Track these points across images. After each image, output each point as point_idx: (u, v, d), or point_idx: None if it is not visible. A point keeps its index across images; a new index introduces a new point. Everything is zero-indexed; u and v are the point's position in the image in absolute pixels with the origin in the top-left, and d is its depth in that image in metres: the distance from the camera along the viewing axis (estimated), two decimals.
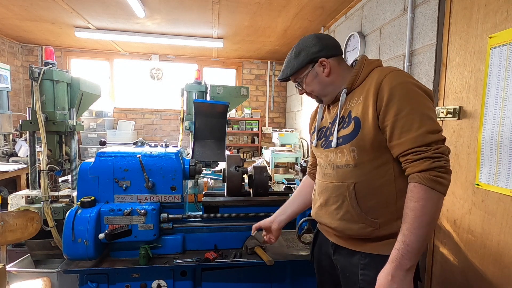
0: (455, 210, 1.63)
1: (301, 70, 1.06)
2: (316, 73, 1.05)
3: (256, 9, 3.18)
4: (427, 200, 0.81)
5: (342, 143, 0.98)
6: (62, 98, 1.98)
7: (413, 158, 0.85)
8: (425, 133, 0.84)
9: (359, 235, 0.97)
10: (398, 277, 0.82)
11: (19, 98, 4.89)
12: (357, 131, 0.93)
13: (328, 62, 1.03)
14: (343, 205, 0.99)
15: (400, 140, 0.87)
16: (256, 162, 4.57)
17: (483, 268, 1.45)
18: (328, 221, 1.04)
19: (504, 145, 1.31)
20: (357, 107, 0.96)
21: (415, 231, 0.81)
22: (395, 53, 2.21)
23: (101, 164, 1.40)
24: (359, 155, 0.94)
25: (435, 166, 0.82)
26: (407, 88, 0.89)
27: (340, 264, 1.06)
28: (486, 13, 1.44)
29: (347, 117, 0.99)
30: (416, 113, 0.86)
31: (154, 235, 1.38)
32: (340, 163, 0.99)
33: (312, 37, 1.06)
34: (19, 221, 1.70)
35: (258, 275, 1.49)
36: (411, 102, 0.87)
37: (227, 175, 1.61)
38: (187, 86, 2.58)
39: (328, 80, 1.05)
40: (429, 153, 0.83)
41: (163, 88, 5.44)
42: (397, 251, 0.83)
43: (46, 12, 3.43)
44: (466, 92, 1.56)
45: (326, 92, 1.07)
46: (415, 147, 0.84)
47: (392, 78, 0.90)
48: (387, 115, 0.89)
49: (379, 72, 0.95)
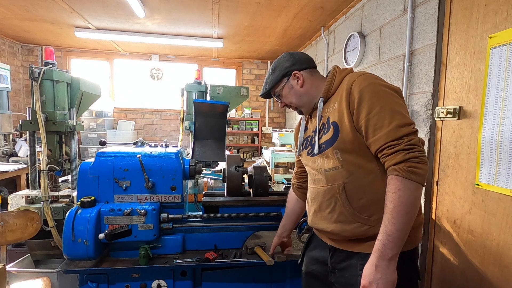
0: (455, 210, 1.63)
1: (277, 84, 1.17)
2: (291, 85, 1.14)
3: (256, 9, 3.18)
4: (403, 190, 0.85)
5: (325, 148, 1.04)
6: (62, 98, 1.98)
7: (388, 152, 0.90)
8: (396, 128, 0.89)
9: (355, 235, 0.99)
10: (381, 267, 0.86)
11: (19, 98, 4.89)
12: (337, 135, 0.99)
13: (300, 74, 1.13)
14: (336, 207, 1.01)
15: (375, 137, 0.92)
16: (256, 162, 4.57)
17: (483, 268, 1.45)
18: (324, 225, 1.07)
19: (504, 145, 1.31)
20: (333, 112, 1.03)
21: (394, 221, 0.85)
22: (395, 53, 2.21)
23: (101, 164, 1.40)
24: (342, 156, 0.99)
25: (408, 157, 0.86)
26: (375, 88, 0.95)
27: (339, 267, 1.06)
28: (486, 13, 1.44)
29: (326, 123, 1.05)
30: (385, 110, 0.91)
31: (154, 235, 1.38)
32: (327, 167, 1.04)
33: (285, 55, 1.18)
34: (19, 221, 1.70)
35: (258, 275, 1.49)
36: (380, 101, 0.93)
37: (227, 175, 1.61)
38: (187, 86, 2.58)
39: (302, 90, 1.13)
40: (401, 145, 0.87)
41: (163, 88, 5.44)
42: (379, 241, 0.87)
43: (46, 12, 3.43)
44: (466, 92, 1.56)
45: (302, 102, 1.15)
46: (388, 142, 0.89)
47: (360, 81, 0.97)
48: (360, 115, 0.95)
49: (349, 77, 1.03)
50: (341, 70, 1.10)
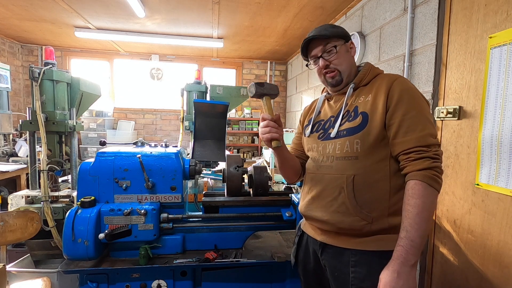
0: (455, 210, 1.63)
1: (338, 38, 1.08)
2: (347, 49, 1.11)
3: (256, 9, 3.18)
4: (427, 197, 0.86)
5: (345, 135, 1.02)
6: (62, 98, 1.98)
7: (415, 157, 0.90)
8: (427, 135, 0.91)
9: (351, 228, 0.98)
10: (404, 273, 0.84)
11: (19, 98, 4.89)
12: (364, 125, 0.99)
13: (354, 46, 1.13)
14: (339, 197, 1.00)
15: (405, 138, 0.92)
16: (256, 162, 4.57)
17: (483, 268, 1.45)
18: (320, 214, 1.05)
19: (504, 145, 1.31)
20: (365, 103, 1.02)
21: (417, 227, 0.85)
22: (395, 53, 2.21)
23: (101, 164, 1.40)
24: (362, 147, 0.98)
25: (434, 166, 0.88)
26: (415, 93, 0.98)
27: (328, 264, 1.05)
28: (486, 13, 1.44)
29: (352, 111, 1.04)
30: (421, 117, 0.93)
31: (154, 235, 1.38)
32: (340, 155, 1.02)
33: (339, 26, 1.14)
34: (19, 221, 1.70)
35: (258, 275, 1.49)
36: (417, 106, 0.94)
37: (227, 175, 1.61)
38: (187, 86, 2.58)
39: (353, 60, 1.12)
40: (430, 153, 0.89)
41: (163, 88, 5.44)
42: (401, 247, 0.86)
43: (46, 12, 3.42)
44: (466, 92, 1.56)
45: (350, 71, 1.10)
46: (418, 146, 0.90)
47: (402, 82, 0.99)
48: (395, 113, 0.95)
49: (388, 76, 1.04)
50: (374, 67, 1.11)
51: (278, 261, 1.41)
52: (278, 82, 5.77)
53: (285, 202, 1.60)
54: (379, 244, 0.96)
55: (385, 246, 0.96)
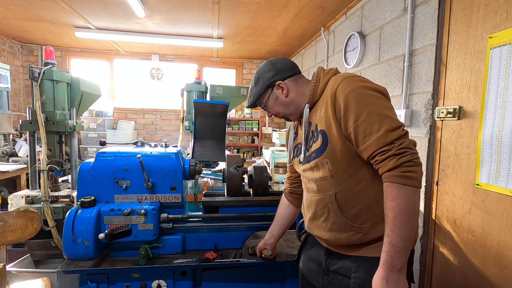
0: (455, 210, 1.63)
1: (262, 96, 1.13)
2: (276, 96, 1.11)
3: (256, 9, 3.18)
4: (401, 197, 0.83)
5: (315, 157, 1.01)
6: (62, 98, 1.98)
7: (380, 159, 0.87)
8: (385, 133, 0.86)
9: (350, 242, 0.99)
10: (392, 279, 0.84)
11: (19, 98, 4.88)
12: (326, 144, 0.97)
13: (284, 84, 1.09)
14: (329, 216, 1.01)
15: (365, 144, 0.89)
16: (256, 162, 4.57)
17: (483, 268, 1.45)
18: (320, 233, 1.07)
19: (504, 145, 1.31)
20: (320, 120, 1.00)
21: (397, 230, 0.83)
22: (395, 53, 2.21)
23: (101, 164, 1.40)
24: (333, 165, 0.97)
25: (401, 162, 0.84)
26: (360, 93, 0.92)
27: (333, 268, 1.06)
28: (486, 13, 1.44)
29: (315, 131, 1.02)
30: (373, 115, 0.88)
31: (154, 235, 1.38)
32: (318, 176, 1.02)
33: (267, 64, 1.14)
34: (19, 221, 1.70)
35: (258, 275, 1.49)
36: (366, 106, 0.89)
37: (227, 175, 1.61)
38: (187, 86, 2.58)
39: (288, 100, 1.10)
40: (393, 150, 0.85)
41: (163, 88, 5.44)
42: (386, 253, 0.85)
43: (46, 12, 3.42)
44: (466, 92, 1.56)
45: (289, 111, 1.13)
46: (379, 148, 0.87)
47: (344, 86, 0.94)
48: (347, 123, 0.92)
49: (332, 82, 0.99)
50: (325, 72, 1.06)
51: (278, 261, 1.42)
52: None
53: None
54: (379, 250, 0.93)
55: None
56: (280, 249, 1.56)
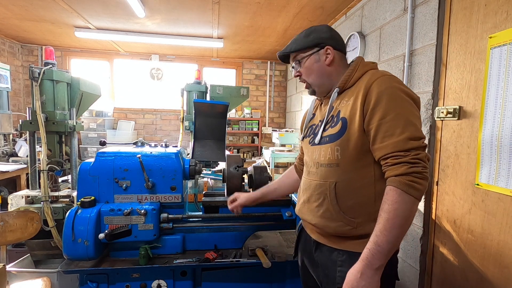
0: (455, 210, 1.63)
1: (306, 50, 1.06)
2: (318, 58, 1.05)
3: (256, 9, 3.18)
4: (400, 203, 0.83)
5: (328, 141, 1.00)
6: (62, 98, 1.98)
7: (392, 162, 0.87)
8: (406, 139, 0.86)
9: (337, 232, 1.00)
10: (367, 275, 0.85)
11: (19, 98, 4.88)
12: (343, 132, 0.96)
13: (333, 52, 1.04)
14: (324, 203, 1.01)
15: (382, 144, 0.89)
16: (256, 162, 4.57)
17: (483, 268, 1.45)
18: (310, 217, 1.07)
19: (504, 145, 1.31)
20: (346, 107, 0.98)
21: (386, 233, 0.84)
22: (395, 53, 2.21)
23: (101, 164, 1.40)
24: (342, 155, 0.97)
25: (412, 171, 0.84)
26: (395, 93, 0.90)
27: (320, 261, 1.07)
28: (486, 13, 1.44)
29: (335, 117, 1.01)
30: (400, 119, 0.88)
31: (154, 235, 1.38)
32: (323, 161, 1.02)
33: (325, 26, 1.08)
34: (19, 221, 1.70)
35: (258, 275, 1.49)
36: (396, 108, 0.89)
37: (227, 175, 1.61)
38: (187, 86, 2.58)
39: (327, 69, 1.06)
40: (407, 158, 0.85)
41: (163, 88, 5.44)
42: (368, 250, 0.86)
43: (46, 12, 3.42)
44: (466, 92, 1.56)
45: (321, 82, 1.08)
46: (395, 152, 0.86)
47: (381, 82, 0.92)
48: (372, 118, 0.91)
49: (370, 75, 0.97)
50: (364, 63, 1.04)
51: (278, 261, 1.42)
52: (278, 82, 5.77)
53: (285, 202, 1.61)
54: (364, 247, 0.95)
55: None
56: (280, 249, 1.56)
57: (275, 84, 5.77)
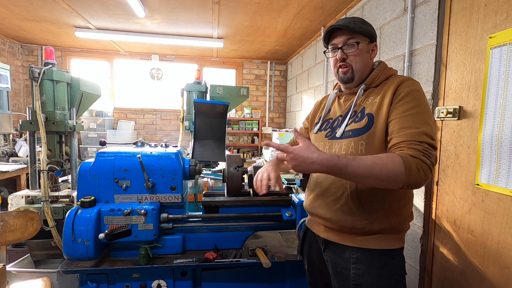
0: (455, 210, 1.63)
1: (362, 36, 1.06)
2: (367, 49, 1.08)
3: (256, 9, 3.18)
4: (393, 166, 0.83)
5: (351, 136, 1.02)
6: (62, 98, 1.98)
7: (405, 146, 0.88)
8: (423, 133, 0.89)
9: (353, 227, 1.00)
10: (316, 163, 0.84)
11: (19, 98, 4.88)
12: (370, 127, 0.99)
13: (377, 49, 1.11)
14: (343, 196, 1.01)
15: (399, 133, 0.92)
16: (256, 162, 4.57)
17: (483, 268, 1.45)
18: (323, 211, 1.06)
19: (504, 145, 1.31)
20: (372, 105, 1.02)
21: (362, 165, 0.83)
22: (395, 53, 2.21)
23: (101, 164, 1.40)
24: (366, 149, 0.99)
25: (421, 159, 0.85)
26: (421, 96, 0.97)
27: (330, 260, 1.07)
28: (486, 13, 1.44)
29: (359, 112, 1.04)
30: (421, 116, 0.92)
31: (154, 235, 1.38)
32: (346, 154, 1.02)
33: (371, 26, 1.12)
34: (19, 221, 1.69)
35: (258, 275, 1.49)
36: (419, 107, 0.94)
37: (227, 175, 1.61)
38: (187, 86, 2.58)
39: (370, 63, 1.10)
40: (420, 147, 0.87)
41: (163, 88, 5.44)
42: (337, 157, 0.85)
43: (46, 12, 3.42)
44: (466, 92, 1.56)
45: (363, 72, 1.09)
46: (411, 140, 0.88)
47: (411, 82, 1.00)
48: (396, 110, 0.95)
49: (400, 77, 1.04)
50: (388, 68, 1.10)
51: (278, 261, 1.41)
52: (278, 82, 5.77)
53: (285, 202, 1.60)
54: (379, 243, 0.98)
55: (386, 245, 0.99)
56: (280, 249, 1.56)
57: (275, 84, 5.77)
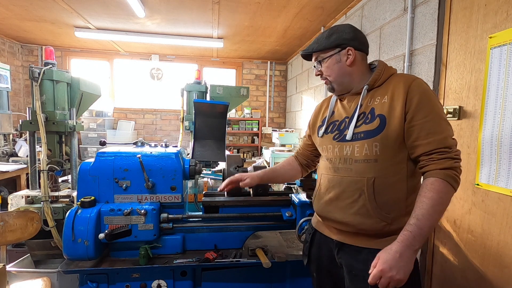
0: (455, 210, 1.63)
1: (327, 50, 1.09)
2: (339, 59, 1.08)
3: (256, 9, 3.18)
4: (445, 193, 0.90)
5: (363, 137, 1.02)
6: (62, 98, 1.98)
7: (437, 157, 0.92)
8: (448, 137, 0.94)
9: (372, 229, 1.00)
10: (406, 256, 0.88)
11: (19, 98, 4.89)
12: (382, 128, 0.99)
13: (354, 53, 1.07)
14: (360, 199, 1.01)
15: (427, 140, 0.94)
16: (256, 162, 4.57)
17: (483, 268, 1.45)
18: (340, 216, 1.06)
19: (504, 145, 1.31)
20: (381, 105, 1.02)
21: (429, 217, 0.88)
22: (395, 53, 2.21)
23: (101, 164, 1.40)
24: (381, 150, 0.99)
25: (456, 166, 0.92)
26: (432, 96, 0.99)
27: (345, 262, 1.06)
28: (486, 13, 1.44)
29: (369, 114, 1.04)
30: (440, 119, 0.95)
31: (154, 235, 1.38)
32: (359, 157, 1.02)
33: (348, 26, 1.11)
34: (19, 221, 1.69)
35: (258, 275, 1.49)
36: (435, 109, 0.96)
37: (227, 175, 1.61)
38: (187, 86, 2.58)
39: (348, 70, 1.09)
40: (451, 154, 0.92)
41: (163, 88, 5.44)
42: (409, 233, 0.89)
43: (46, 12, 3.42)
44: (466, 92, 1.56)
45: (341, 81, 1.10)
46: (441, 147, 0.93)
47: (418, 84, 0.99)
48: (415, 116, 0.96)
49: (404, 77, 1.04)
50: (387, 66, 1.10)
51: (278, 261, 1.41)
52: (278, 82, 5.77)
53: (285, 202, 1.60)
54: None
55: None
56: (280, 249, 1.56)
57: (275, 84, 5.77)
